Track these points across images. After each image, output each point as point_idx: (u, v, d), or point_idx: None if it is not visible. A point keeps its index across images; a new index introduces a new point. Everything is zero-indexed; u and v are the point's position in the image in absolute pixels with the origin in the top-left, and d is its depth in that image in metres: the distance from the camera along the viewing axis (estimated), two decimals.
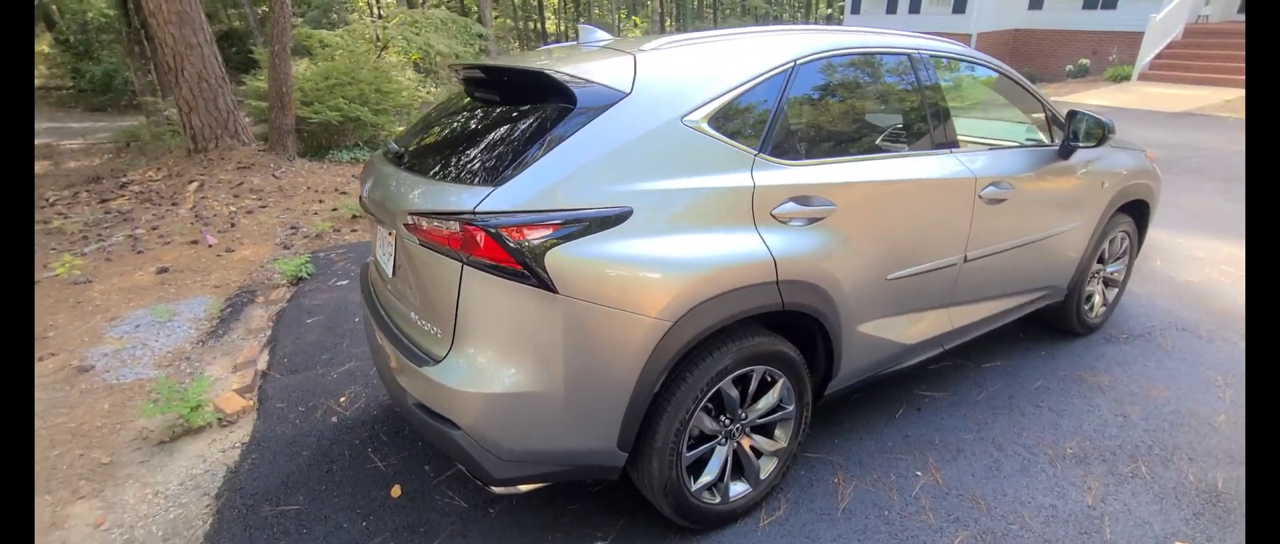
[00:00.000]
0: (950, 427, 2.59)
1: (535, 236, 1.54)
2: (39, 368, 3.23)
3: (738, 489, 2.07)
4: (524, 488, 1.80)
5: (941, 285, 2.39)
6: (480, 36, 15.52)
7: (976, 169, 2.34)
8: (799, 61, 1.99)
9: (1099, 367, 3.04)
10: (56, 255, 4.77)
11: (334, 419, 2.71)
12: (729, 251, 1.74)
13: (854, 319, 2.12)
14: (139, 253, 5.03)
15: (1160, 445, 2.45)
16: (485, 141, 1.77)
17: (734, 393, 1.92)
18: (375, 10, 22.13)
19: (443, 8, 26.39)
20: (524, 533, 2.07)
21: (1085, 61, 12.99)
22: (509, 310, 1.59)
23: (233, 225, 5.64)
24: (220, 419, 2.74)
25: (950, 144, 2.34)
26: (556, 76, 1.73)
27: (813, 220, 1.93)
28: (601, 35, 2.22)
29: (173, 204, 6.22)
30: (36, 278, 4.46)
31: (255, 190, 6.71)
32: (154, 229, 5.50)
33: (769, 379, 2.01)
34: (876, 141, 2.18)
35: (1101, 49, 12.98)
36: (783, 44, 2.00)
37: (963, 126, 3.00)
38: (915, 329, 2.38)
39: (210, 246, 5.09)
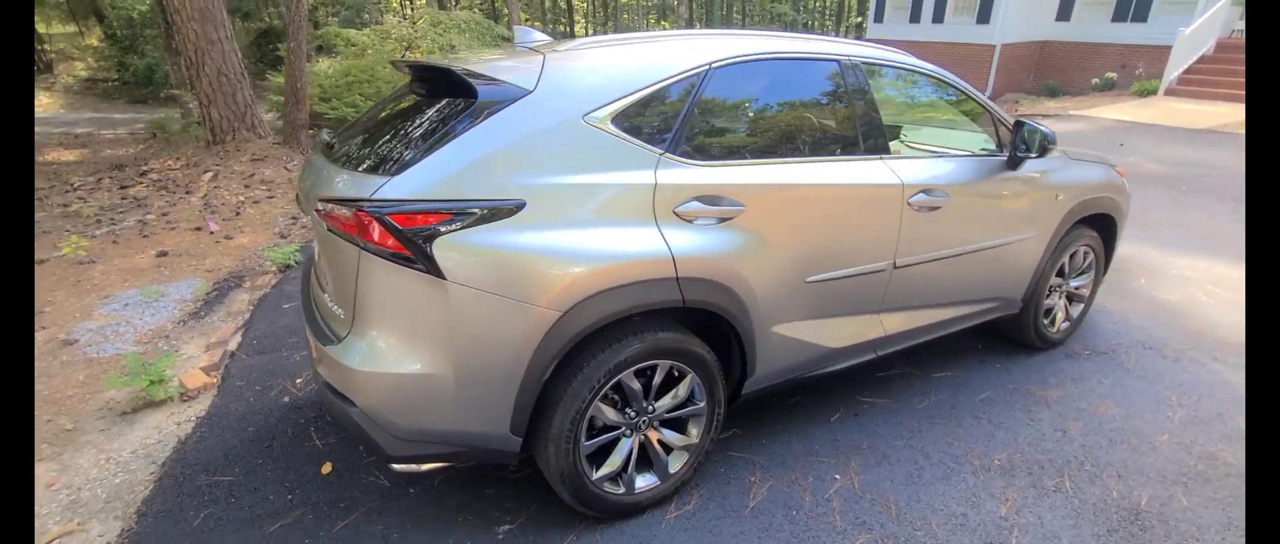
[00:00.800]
0: (883, 433, 2.59)
1: (425, 225, 1.61)
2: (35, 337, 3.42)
3: (644, 482, 2.12)
4: (425, 467, 1.87)
5: (870, 291, 2.40)
6: (504, 39, 15.82)
7: (906, 176, 2.35)
8: (714, 65, 2.04)
9: (1051, 381, 2.99)
10: (66, 237, 5.03)
11: (286, 399, 2.83)
12: (625, 247, 1.80)
13: (769, 320, 2.15)
14: (145, 237, 5.27)
15: (1092, 462, 2.42)
16: (397, 134, 1.85)
17: (636, 386, 1.97)
18: (406, 11, 22.62)
19: (475, 10, 26.93)
20: (438, 513, 2.14)
21: (1112, 75, 12.64)
22: (400, 295, 1.67)
23: (238, 214, 5.87)
24: (182, 394, 2.88)
25: (880, 150, 2.35)
26: (462, 75, 1.81)
27: (723, 220, 1.97)
28: (538, 37, 2.29)
29: (186, 192, 6.49)
30: (44, 258, 4.72)
31: (266, 182, 6.96)
32: (164, 215, 5.75)
33: (676, 374, 2.05)
34: (795, 146, 2.20)
35: (1129, 63, 12.63)
36: (699, 48, 2.05)
37: (919, 135, 3.01)
38: (842, 333, 2.40)
39: (212, 233, 5.30)
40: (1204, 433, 2.59)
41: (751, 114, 2.16)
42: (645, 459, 2.13)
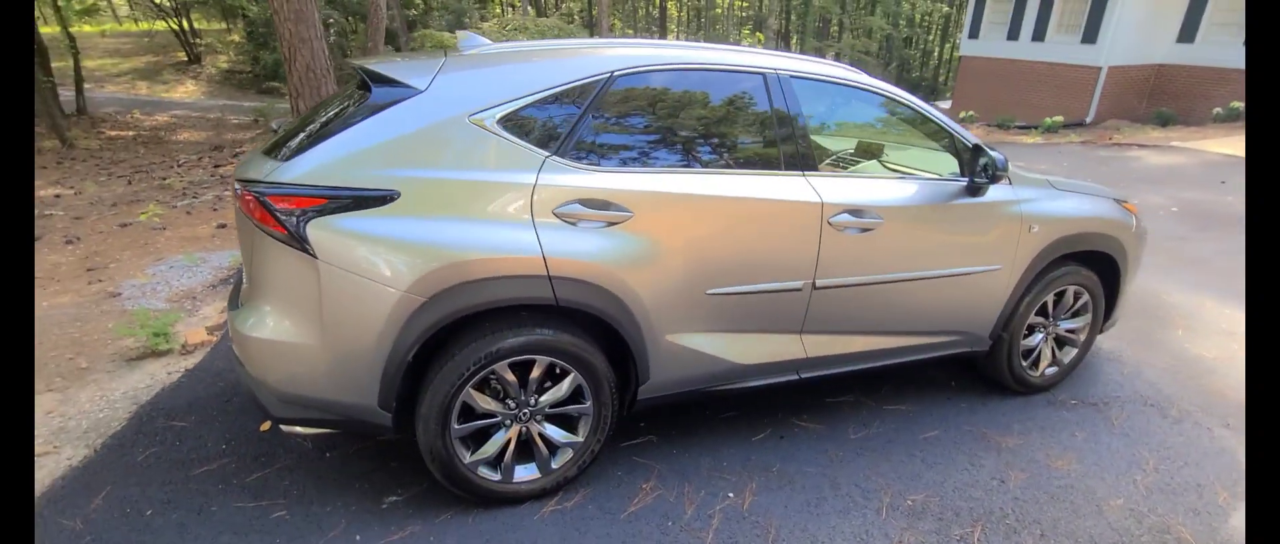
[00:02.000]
0: (801, 458, 2.51)
1: (300, 208, 1.77)
2: (86, 289, 3.97)
3: (525, 473, 2.19)
4: (309, 430, 2.04)
5: (785, 310, 2.34)
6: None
7: (829, 195, 2.28)
8: (617, 73, 2.08)
9: (1016, 428, 2.77)
10: (148, 205, 5.75)
11: None
12: (494, 242, 1.88)
13: (662, 328, 2.15)
14: (215, 210, 5.92)
15: (1018, 516, 2.23)
16: (312, 125, 2.03)
17: (511, 378, 2.04)
18: (502, 16, 23.74)
19: (576, 18, 27.89)
20: (341, 477, 2.31)
21: (1238, 105, 11.25)
22: (279, 269, 1.84)
23: None
24: (182, 348, 3.24)
25: (802, 167, 2.29)
26: (365, 73, 1.96)
27: (610, 225, 2.01)
28: (481, 42, 2.41)
29: None
30: (128, 222, 5.41)
31: None
32: None
33: (558, 371, 2.11)
34: (699, 157, 2.19)
35: None
36: (606, 55, 2.10)
37: (901, 157, 2.87)
38: (753, 350, 2.35)
39: None
40: (1168, 504, 2.32)
41: (653, 123, 2.18)
42: (531, 451, 2.20)
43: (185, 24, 21.71)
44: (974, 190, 2.54)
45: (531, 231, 1.92)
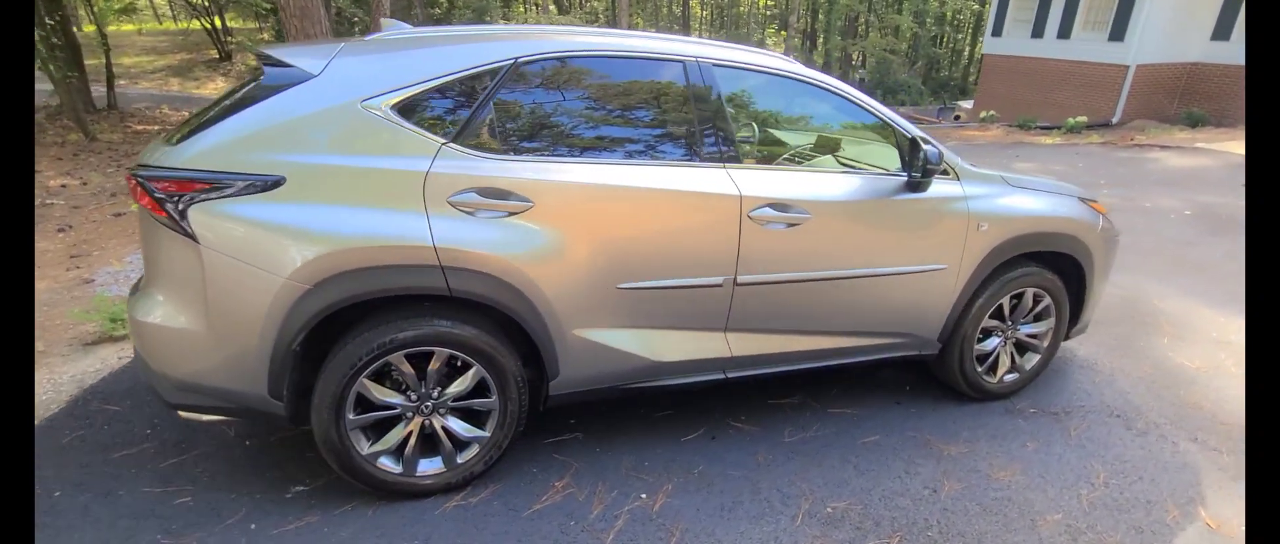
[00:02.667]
0: (728, 460, 2.43)
1: (181, 192, 1.76)
2: (64, 275, 4.07)
3: (429, 466, 2.15)
4: (206, 417, 2.03)
5: (706, 307, 2.26)
6: None
7: (749, 189, 2.19)
8: (521, 60, 2.03)
9: (963, 435, 2.64)
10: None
11: None
12: (382, 230, 1.84)
13: (568, 323, 2.10)
14: None
15: (941, 528, 2.12)
16: (210, 110, 2.02)
17: (408, 370, 2.01)
18: (524, 15, 23.84)
19: (600, 17, 27.84)
20: (255, 465, 2.30)
21: None
22: (166, 254, 1.83)
23: None
24: None
25: (723, 159, 2.21)
26: (261, 57, 1.95)
27: (511, 215, 1.96)
28: (405, 29, 2.37)
29: None
30: (121, 212, 5.55)
31: None
32: None
33: (460, 365, 2.07)
34: (608, 146, 2.12)
35: None
36: (511, 42, 2.05)
37: (854, 151, 2.75)
38: (673, 348, 2.28)
39: None
40: (1111, 521, 2.18)
41: (559, 111, 2.12)
42: (437, 445, 2.16)
43: (218, 22, 22.33)
44: (915, 186, 2.42)
45: (423, 220, 1.88)
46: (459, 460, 2.17)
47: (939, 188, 2.49)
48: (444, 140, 1.93)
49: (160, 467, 2.28)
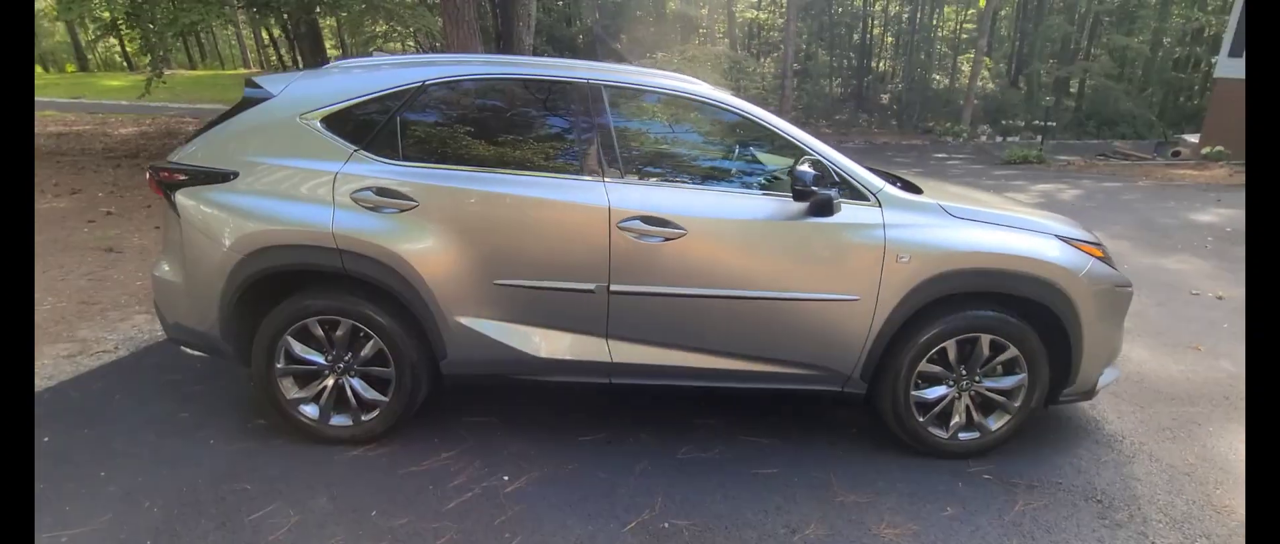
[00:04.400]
0: (608, 464, 2.50)
1: (172, 180, 2.39)
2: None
3: (340, 420, 2.56)
4: (194, 351, 2.65)
5: (582, 310, 2.40)
6: (748, 72, 16.46)
7: (620, 201, 2.30)
8: (428, 82, 2.40)
9: (876, 486, 2.41)
10: None
11: None
12: (299, 216, 2.31)
13: (450, 309, 2.39)
14: None
15: None
16: (211, 121, 2.65)
17: (320, 334, 2.45)
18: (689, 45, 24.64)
19: (760, 54, 27.73)
20: (237, 399, 2.91)
21: None
22: (167, 226, 2.49)
23: None
24: None
25: (603, 172, 2.35)
26: (247, 83, 2.54)
27: (402, 211, 2.33)
28: (355, 60, 2.78)
29: None
30: None
31: None
32: None
33: (362, 335, 2.46)
34: (491, 156, 2.38)
35: None
36: (424, 68, 2.43)
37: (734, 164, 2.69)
38: (552, 345, 2.45)
39: None
40: None
41: (455, 126, 2.43)
42: (360, 401, 2.56)
43: None
44: (819, 209, 2.32)
45: (329, 211, 2.31)
46: (363, 419, 2.55)
47: (853, 213, 2.35)
48: (355, 147, 2.36)
49: (182, 390, 2.99)
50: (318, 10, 9.95)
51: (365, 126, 2.38)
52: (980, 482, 2.46)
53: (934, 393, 2.53)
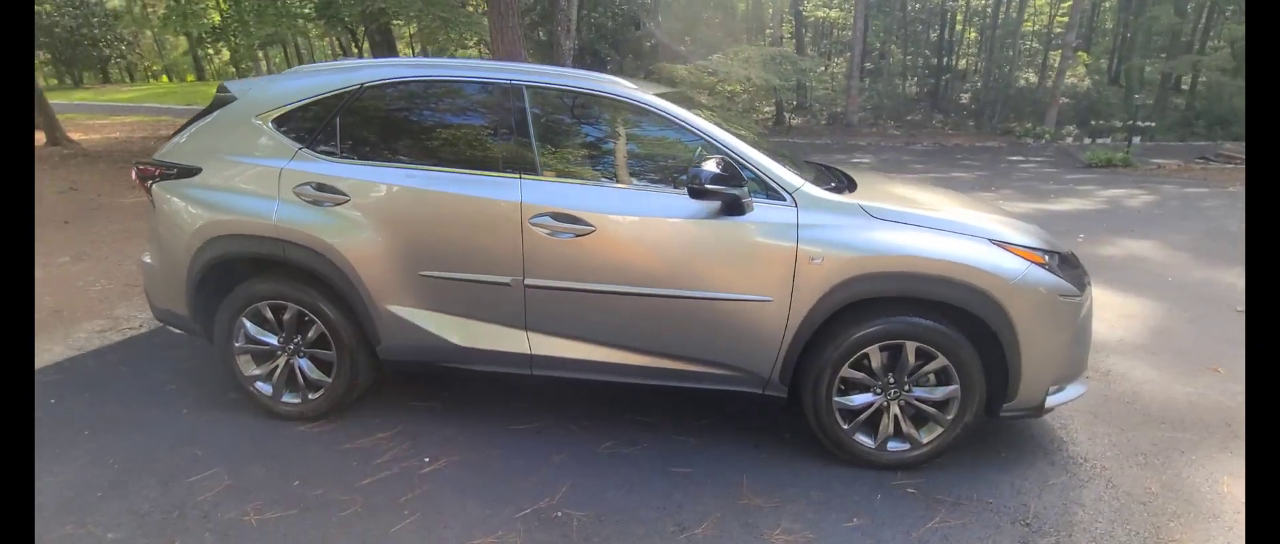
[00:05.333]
0: (528, 453, 2.57)
1: (148, 175, 2.68)
2: None
3: (289, 397, 2.76)
4: (177, 331, 2.95)
5: (500, 302, 2.49)
6: (805, 71, 16.08)
7: (531, 197, 2.37)
8: (366, 84, 2.56)
9: (784, 492, 2.36)
10: None
11: None
12: (245, 207, 2.54)
13: (380, 297, 2.54)
14: None
15: None
16: (186, 122, 2.94)
17: (269, 316, 2.66)
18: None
19: (831, 53, 26.76)
20: (217, 375, 3.19)
21: None
22: (151, 216, 2.78)
23: None
24: None
25: (521, 169, 2.43)
26: (218, 87, 2.80)
27: (337, 204, 2.51)
28: (314, 65, 2.98)
29: None
30: None
31: None
32: None
33: (306, 318, 2.65)
34: (417, 154, 2.52)
35: None
36: (363, 70, 2.60)
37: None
38: (475, 335, 2.55)
39: None
40: None
41: (388, 124, 2.58)
42: (307, 380, 2.76)
43: None
44: (731, 208, 2.30)
45: (274, 204, 2.52)
46: (310, 397, 2.75)
47: (766, 213, 2.32)
48: (300, 145, 2.56)
49: (178, 365, 3.32)
50: (379, 20, 10.66)
51: (309, 126, 2.58)
52: (902, 495, 2.35)
53: (859, 400, 2.44)
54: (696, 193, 2.21)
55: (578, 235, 2.37)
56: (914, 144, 16.83)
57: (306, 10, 9.19)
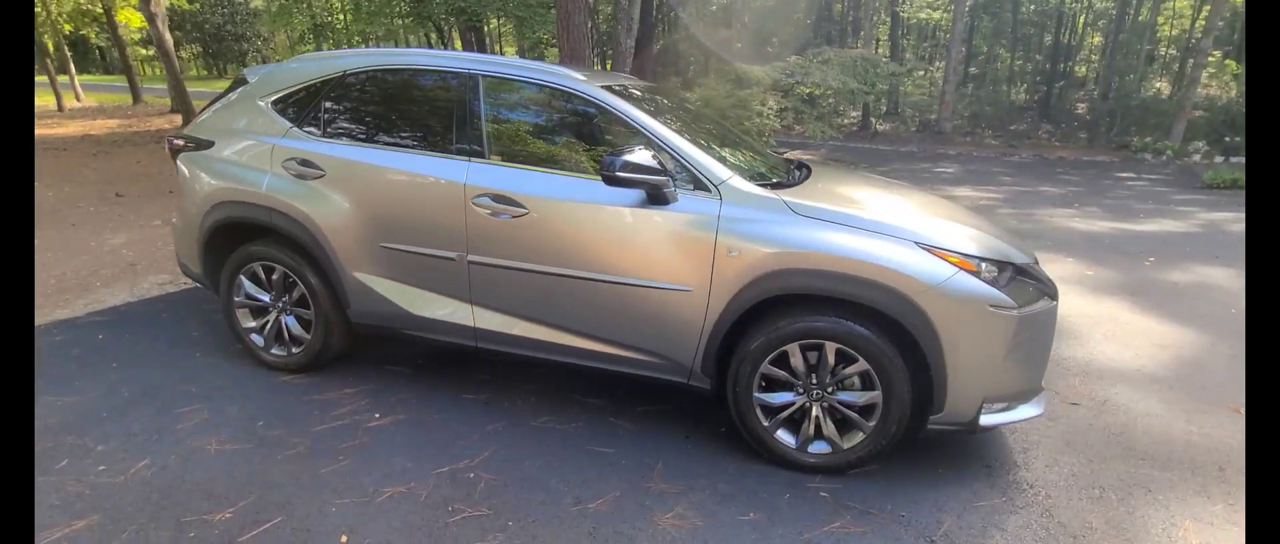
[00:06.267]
0: (471, 420, 2.74)
1: (175, 148, 3.09)
2: None
3: (277, 351, 3.09)
4: (196, 285, 3.36)
5: (447, 276, 2.67)
6: (892, 75, 15.38)
7: (474, 178, 2.53)
8: (346, 72, 2.82)
9: (693, 482, 2.38)
10: None
11: None
12: (242, 178, 2.88)
13: (349, 265, 2.79)
14: None
15: (533, 528, 2.12)
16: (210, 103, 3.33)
17: (262, 276, 3.00)
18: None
19: (932, 57, 25.32)
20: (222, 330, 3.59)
21: None
22: (177, 181, 3.19)
23: None
24: None
25: (470, 152, 2.60)
26: (237, 75, 3.17)
27: (315, 178, 2.79)
28: (315, 54, 3.30)
29: None
30: None
31: None
32: None
33: (290, 279, 2.96)
34: (381, 134, 2.75)
35: None
36: (345, 59, 2.87)
37: None
38: (426, 306, 2.75)
39: None
40: None
41: (361, 108, 2.83)
42: (294, 339, 3.09)
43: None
44: (655, 197, 2.35)
45: (265, 177, 2.84)
46: (293, 352, 3.06)
47: (690, 204, 2.35)
48: (290, 125, 2.86)
49: (208, 316, 3.76)
50: (466, 17, 11.36)
51: (300, 107, 2.88)
52: (813, 497, 2.31)
53: (780, 398, 2.41)
54: (609, 180, 2.27)
55: (514, 217, 2.50)
56: (1011, 155, 15.69)
57: (400, 8, 10.00)
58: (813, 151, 14.70)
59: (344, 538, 2.05)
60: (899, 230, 2.24)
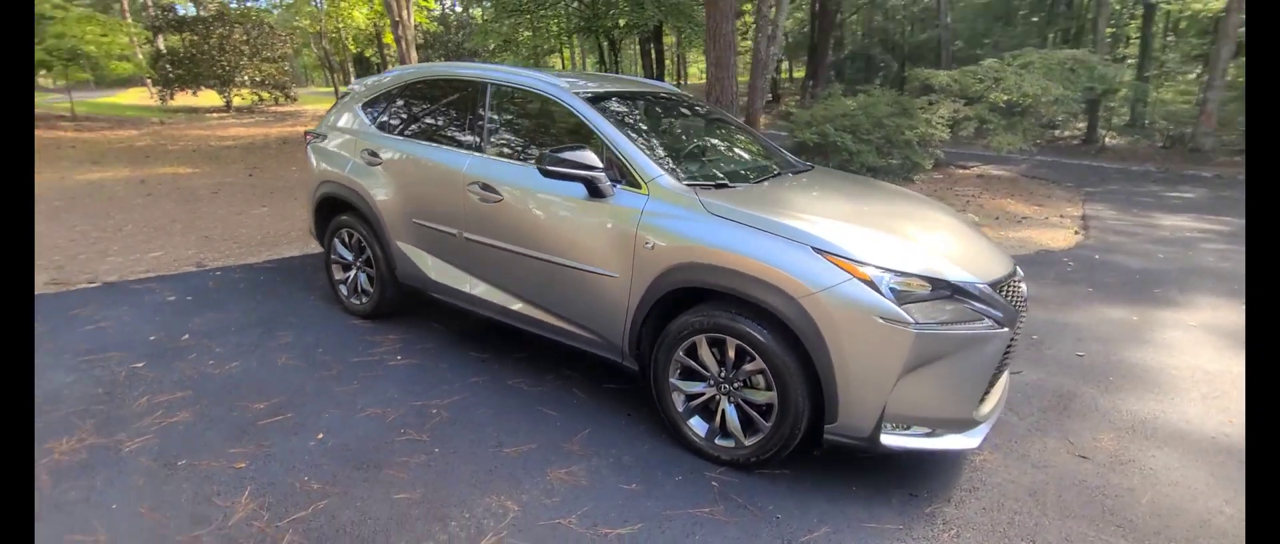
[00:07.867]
0: (460, 372, 3.25)
1: (308, 139, 4.08)
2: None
3: (354, 300, 3.92)
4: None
5: (453, 249, 3.21)
6: (1108, 78, 13.08)
7: (470, 168, 3.03)
8: (407, 82, 3.52)
9: (602, 456, 2.58)
10: None
11: None
12: (337, 163, 3.73)
13: (392, 234, 3.49)
14: None
15: (438, 481, 2.54)
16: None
17: (347, 239, 3.84)
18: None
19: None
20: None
21: None
22: (309, 160, 4.20)
23: None
24: None
25: (477, 148, 3.10)
26: (349, 85, 4.07)
27: (376, 165, 3.54)
28: (400, 68, 4.08)
29: None
30: None
31: None
32: None
33: (363, 245, 3.75)
34: (424, 132, 3.33)
35: None
36: (406, 72, 3.57)
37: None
38: (441, 273, 3.32)
39: None
40: None
41: (412, 109, 3.48)
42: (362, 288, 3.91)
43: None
44: (593, 190, 2.63)
45: (350, 162, 3.66)
46: (362, 301, 3.85)
47: (622, 198, 2.59)
48: (369, 124, 3.65)
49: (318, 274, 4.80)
50: (624, 34, 12.27)
51: (376, 110, 3.65)
52: (702, 483, 2.40)
53: (694, 388, 2.53)
54: (543, 172, 2.60)
55: (495, 203, 2.95)
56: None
57: (570, 26, 11.26)
58: (995, 167, 13.10)
59: (320, 435, 2.67)
60: (798, 233, 2.24)
